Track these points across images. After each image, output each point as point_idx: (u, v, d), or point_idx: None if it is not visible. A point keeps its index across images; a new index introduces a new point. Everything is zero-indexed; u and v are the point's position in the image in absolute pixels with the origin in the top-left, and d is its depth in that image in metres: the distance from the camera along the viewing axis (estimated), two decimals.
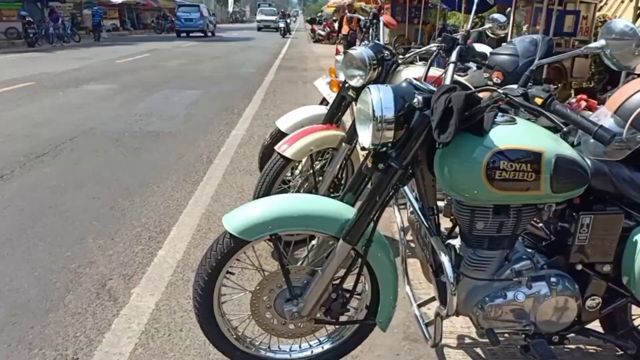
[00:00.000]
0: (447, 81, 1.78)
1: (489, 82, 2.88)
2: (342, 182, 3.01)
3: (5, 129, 5.95)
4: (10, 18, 21.19)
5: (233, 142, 5.65)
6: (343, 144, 2.86)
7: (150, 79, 10.61)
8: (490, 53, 2.88)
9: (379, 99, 1.58)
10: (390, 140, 1.61)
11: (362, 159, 3.17)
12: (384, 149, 1.66)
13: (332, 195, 2.98)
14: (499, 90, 1.50)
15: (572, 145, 1.75)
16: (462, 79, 3.21)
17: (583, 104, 2.32)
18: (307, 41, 27.83)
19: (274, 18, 39.37)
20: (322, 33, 26.37)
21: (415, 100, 1.58)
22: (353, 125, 2.91)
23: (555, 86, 7.15)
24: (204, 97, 8.71)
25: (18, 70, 11.53)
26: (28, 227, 3.38)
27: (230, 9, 66.95)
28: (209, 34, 31.00)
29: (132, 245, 3.17)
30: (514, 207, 1.60)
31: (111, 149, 5.24)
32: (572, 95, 7.01)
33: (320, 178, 2.98)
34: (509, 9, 9.77)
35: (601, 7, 8.57)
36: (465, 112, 1.51)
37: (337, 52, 6.46)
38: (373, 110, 1.57)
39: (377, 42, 2.86)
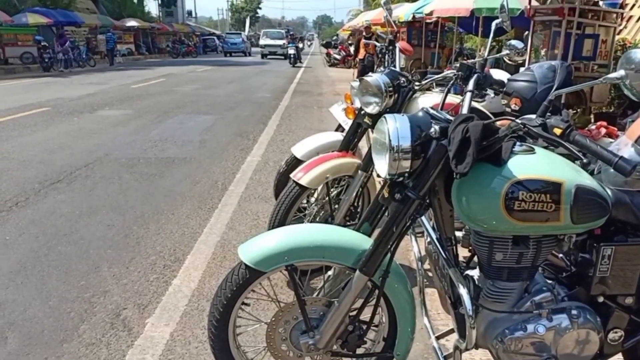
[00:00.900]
0: (465, 110, 1.77)
1: (507, 109, 2.88)
2: (359, 210, 2.99)
3: (21, 155, 6.04)
4: (26, 43, 21.63)
5: (248, 168, 5.67)
6: (359, 171, 2.85)
7: (165, 104, 10.75)
8: (508, 79, 2.89)
9: (395, 128, 1.58)
10: (407, 170, 1.60)
11: (378, 186, 3.18)
12: (401, 178, 1.65)
13: (348, 223, 2.97)
14: (517, 121, 1.48)
15: (591, 173, 1.73)
16: (479, 105, 3.21)
17: (603, 131, 2.30)
18: (322, 65, 28.14)
19: (281, 43, 33.70)
20: (338, 57, 26.63)
21: (432, 129, 1.57)
22: (369, 153, 2.90)
23: (575, 111, 7.10)
24: (218, 122, 8.80)
25: (33, 95, 11.75)
26: (42, 255, 3.39)
27: (245, 33, 68.27)
28: (248, 54, 40.24)
29: (146, 273, 3.16)
30: (534, 237, 1.57)
31: (126, 176, 5.28)
32: (592, 120, 6.95)
33: (337, 206, 2.97)
34: (526, 32, 9.79)
35: (620, 30, 8.54)
36: (483, 141, 1.50)
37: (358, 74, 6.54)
38: (389, 140, 1.56)
39: (393, 69, 2.87)
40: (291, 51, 25.77)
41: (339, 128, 4.09)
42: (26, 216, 4.10)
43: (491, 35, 2.16)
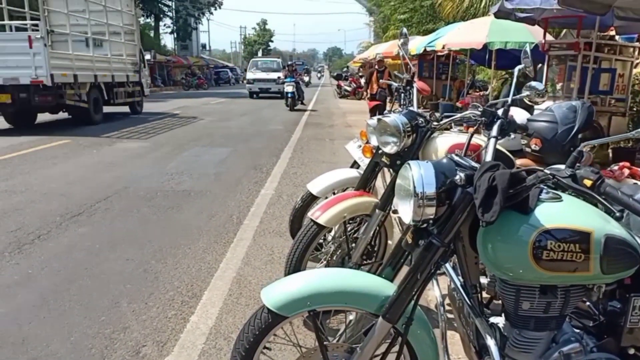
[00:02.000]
0: (489, 156, 1.77)
1: (527, 149, 2.89)
2: (376, 249, 2.99)
3: (42, 187, 6.14)
4: None
5: (262, 202, 5.70)
6: (377, 210, 2.86)
7: (181, 137, 10.91)
8: (528, 119, 2.91)
9: (419, 174, 1.58)
10: (432, 216, 1.60)
11: (396, 226, 3.19)
12: (425, 225, 1.65)
13: (365, 262, 2.97)
14: (546, 171, 1.49)
15: (619, 219, 1.72)
16: (498, 144, 3.22)
17: (626, 172, 2.29)
18: (333, 97, 28.39)
19: (274, 76, 23.74)
20: (348, 89, 26.90)
21: (458, 177, 1.58)
22: (387, 192, 2.92)
23: (592, 146, 7.06)
24: (233, 154, 8.89)
25: (54, 128, 12.00)
26: (64, 290, 3.42)
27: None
28: None
29: (165, 310, 3.17)
30: (562, 287, 1.55)
31: (144, 209, 5.34)
32: (610, 154, 6.91)
33: (353, 244, 2.97)
34: (540, 64, 9.82)
35: (637, 64, 8.56)
36: (510, 190, 1.51)
37: (370, 108, 6.57)
38: (414, 186, 1.57)
39: (410, 109, 2.90)
40: (288, 89, 18.43)
41: (355, 164, 4.11)
42: (48, 249, 4.15)
43: (514, 80, 2.18)
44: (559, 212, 1.52)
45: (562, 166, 1.52)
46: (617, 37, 7.67)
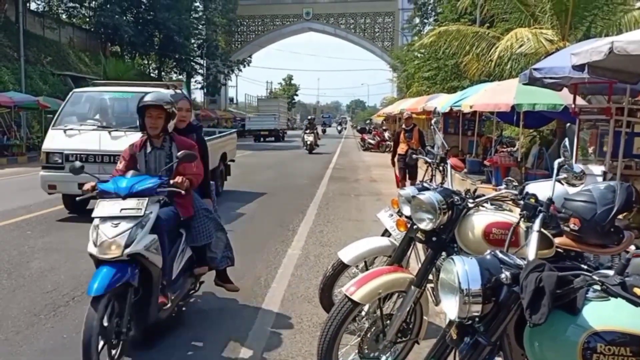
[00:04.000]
0: (532, 254, 1.78)
1: (566, 228, 2.86)
2: (411, 326, 2.95)
3: (77, 244, 6.16)
4: None
5: (289, 263, 5.70)
6: (412, 287, 2.84)
7: None
8: (565, 199, 2.89)
9: (464, 271, 1.60)
10: (478, 314, 1.60)
11: (431, 303, 3.16)
12: (470, 321, 1.65)
13: (400, 339, 2.93)
14: (595, 277, 1.49)
15: None
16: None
17: None
18: (356, 149, 28.65)
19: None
20: (372, 142, 27.20)
21: (504, 275, 1.59)
22: (422, 268, 2.91)
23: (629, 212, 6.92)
24: (259, 211, 8.98)
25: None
26: None
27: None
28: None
29: None
30: None
31: None
32: None
33: (388, 321, 2.94)
34: (568, 124, 9.79)
35: None
36: (557, 290, 1.51)
37: (397, 183, 6.56)
38: (459, 282, 1.58)
39: (446, 187, 2.93)
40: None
41: (386, 232, 4.11)
42: (82, 312, 4.09)
43: (554, 177, 2.20)
44: (608, 314, 1.51)
45: (611, 272, 1.51)
46: None
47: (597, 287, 1.54)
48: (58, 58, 29.19)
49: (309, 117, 26.71)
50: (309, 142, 23.98)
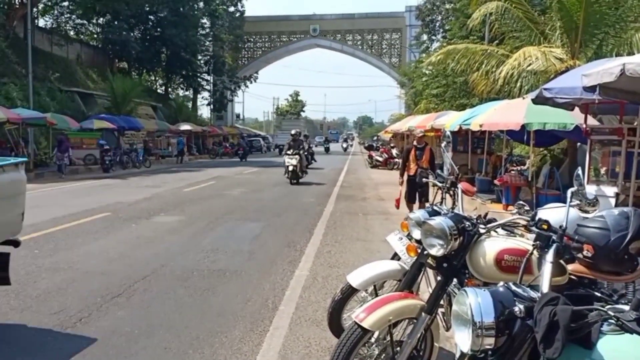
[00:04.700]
0: (545, 286, 1.76)
1: (579, 255, 2.81)
2: (421, 353, 2.90)
3: (84, 265, 6.26)
4: (90, 146, 23.60)
5: (297, 284, 5.65)
6: (423, 313, 2.80)
7: (215, 209, 11.08)
8: (578, 224, 2.84)
9: (477, 303, 1.58)
10: (491, 347, 1.57)
11: (442, 329, 3.11)
12: (483, 354, 1.62)
13: None
14: (610, 312, 1.46)
15: None
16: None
17: None
18: (364, 166, 28.64)
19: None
20: (380, 159, 27.21)
21: (517, 309, 1.57)
22: (433, 295, 2.87)
23: None
24: (266, 230, 8.95)
25: (94, 199, 12.40)
26: None
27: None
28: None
29: None
30: None
31: (180, 290, 5.36)
32: None
33: (398, 348, 2.89)
34: (579, 143, 9.71)
35: None
36: (572, 324, 1.48)
37: (397, 203, 6.50)
38: (472, 315, 1.55)
39: (457, 212, 2.90)
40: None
41: (395, 256, 4.07)
42: (90, 334, 4.17)
43: (567, 205, 2.17)
44: (624, 349, 1.49)
45: (627, 307, 1.48)
46: None
47: (612, 320, 1.51)
48: (66, 74, 29.58)
49: (293, 132, 18.36)
50: (290, 169, 16.53)
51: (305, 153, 19.70)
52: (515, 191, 10.02)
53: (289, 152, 16.73)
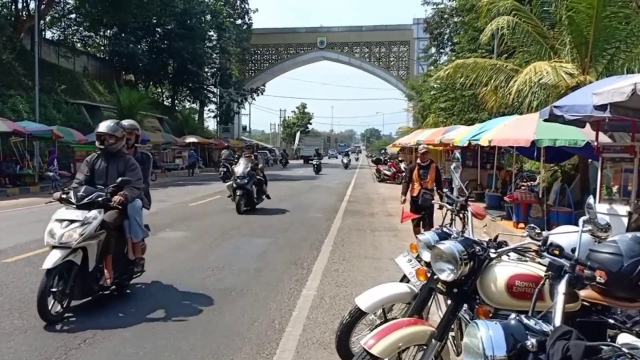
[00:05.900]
0: (558, 319, 1.71)
1: (592, 283, 2.74)
2: None
3: None
4: None
5: (304, 304, 5.56)
6: (433, 340, 2.73)
7: (221, 225, 11.02)
8: (591, 250, 2.78)
9: (488, 336, 1.56)
10: None
11: (452, 355, 3.03)
12: None
13: None
14: (624, 349, 1.41)
15: None
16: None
17: None
18: (371, 180, 28.53)
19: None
20: (388, 173, 27.13)
21: (529, 343, 1.54)
22: (443, 321, 2.80)
23: None
24: (272, 246, 8.88)
25: None
26: None
27: (295, 146, 71.76)
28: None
29: None
30: None
31: (186, 310, 5.29)
32: None
33: None
34: (590, 159, 9.58)
35: None
36: None
37: (402, 217, 6.40)
38: (483, 349, 1.52)
39: (467, 236, 2.84)
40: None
41: (404, 278, 4.00)
42: (93, 355, 4.11)
43: (580, 233, 2.11)
44: None
45: (638, 341, 1.43)
46: None
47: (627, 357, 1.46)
48: (72, 87, 29.79)
49: (247, 144, 15.18)
50: (238, 192, 12.67)
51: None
52: (525, 208, 9.89)
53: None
